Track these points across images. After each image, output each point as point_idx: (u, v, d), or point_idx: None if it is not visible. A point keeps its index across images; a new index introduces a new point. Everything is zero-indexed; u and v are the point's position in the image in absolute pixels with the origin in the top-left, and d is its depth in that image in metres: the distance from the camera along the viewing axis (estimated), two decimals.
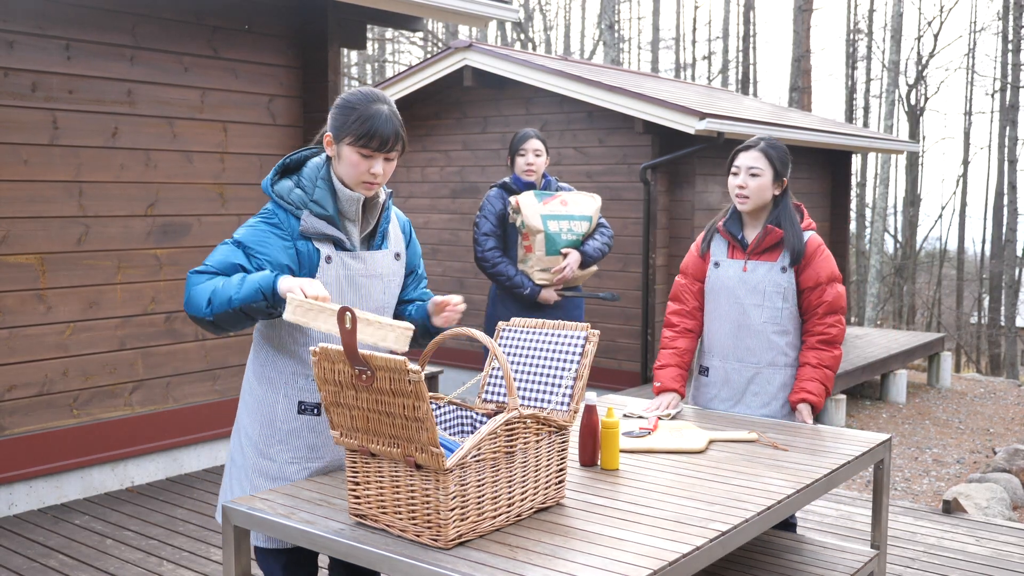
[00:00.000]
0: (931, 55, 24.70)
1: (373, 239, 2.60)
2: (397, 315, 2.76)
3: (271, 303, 2.34)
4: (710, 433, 2.97)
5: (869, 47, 26.85)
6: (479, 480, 2.03)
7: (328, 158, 2.56)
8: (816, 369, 3.29)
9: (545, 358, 2.43)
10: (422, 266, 2.83)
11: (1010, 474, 7.02)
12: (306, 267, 2.49)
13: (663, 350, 3.50)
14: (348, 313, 1.99)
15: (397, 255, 2.66)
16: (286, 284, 2.33)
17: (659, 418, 3.18)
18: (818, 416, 9.46)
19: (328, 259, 2.49)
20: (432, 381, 7.90)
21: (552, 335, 2.46)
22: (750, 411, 3.37)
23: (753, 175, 3.30)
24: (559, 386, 2.37)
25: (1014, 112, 21.87)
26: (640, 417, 3.19)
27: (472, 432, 2.46)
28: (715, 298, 3.43)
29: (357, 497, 2.13)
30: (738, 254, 3.38)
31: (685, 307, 3.51)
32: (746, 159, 3.32)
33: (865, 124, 26.55)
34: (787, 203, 3.36)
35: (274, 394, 2.56)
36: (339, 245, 2.52)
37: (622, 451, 2.77)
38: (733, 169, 3.36)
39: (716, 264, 3.41)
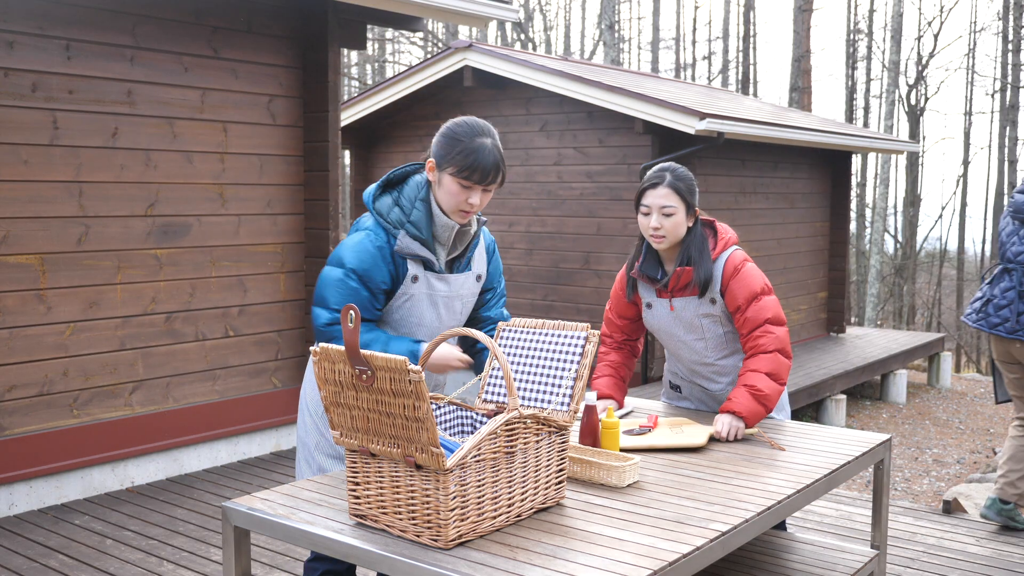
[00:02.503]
0: (931, 55, 24.69)
1: (459, 261, 2.75)
2: (477, 330, 2.84)
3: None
4: (710, 428, 2.97)
5: (869, 47, 26.86)
6: (479, 480, 2.03)
7: (429, 180, 2.68)
8: (744, 376, 3.08)
9: (545, 358, 2.43)
10: (503, 283, 3.00)
11: None
12: (398, 283, 2.65)
13: (599, 364, 3.36)
14: (351, 312, 1.99)
15: (479, 277, 2.82)
16: (439, 359, 2.63)
17: (658, 416, 3.18)
18: (818, 416, 9.48)
19: (415, 279, 2.65)
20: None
21: (552, 335, 2.46)
22: None
23: (667, 214, 3.10)
24: (559, 386, 2.37)
25: (1014, 112, 21.87)
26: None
27: (472, 432, 2.46)
28: (659, 335, 3.34)
29: (357, 497, 2.13)
30: (664, 293, 3.21)
31: (613, 339, 3.39)
32: (656, 198, 3.11)
33: (865, 124, 26.55)
34: (696, 233, 3.17)
35: None
36: (427, 265, 2.67)
37: (623, 450, 2.77)
38: (643, 208, 3.14)
39: (648, 305, 3.28)
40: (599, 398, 3.29)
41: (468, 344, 2.91)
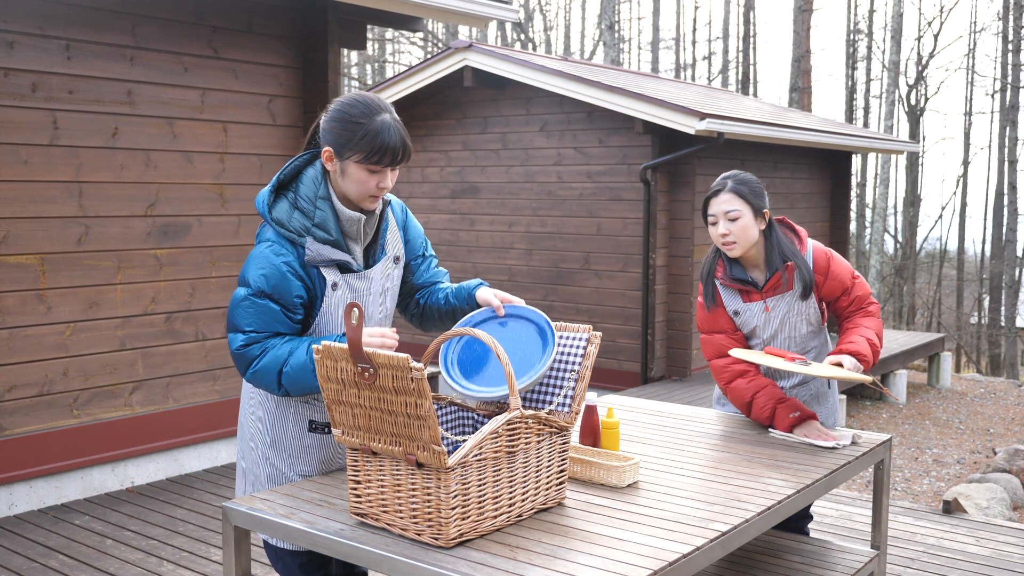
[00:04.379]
0: (931, 55, 24.71)
1: (374, 249, 2.49)
2: (422, 303, 2.65)
3: None
4: (850, 369, 2.99)
5: (869, 47, 26.86)
6: (480, 479, 2.03)
7: (324, 170, 2.40)
8: (857, 329, 3.13)
9: None
10: (429, 247, 2.70)
11: (1010, 474, 7.02)
12: (315, 294, 2.39)
13: (762, 389, 3.12)
14: (355, 309, 1.98)
15: (396, 258, 2.56)
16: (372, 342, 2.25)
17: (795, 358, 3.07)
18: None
19: (335, 286, 2.39)
20: (433, 381, 7.90)
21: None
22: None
23: (733, 219, 3.08)
24: (560, 387, 2.37)
25: (1014, 112, 21.87)
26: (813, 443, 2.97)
27: (473, 433, 2.46)
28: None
29: (358, 496, 2.13)
30: (755, 296, 3.17)
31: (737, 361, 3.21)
32: (720, 205, 3.11)
33: (865, 124, 26.55)
34: (778, 234, 3.16)
35: (283, 412, 2.49)
36: (343, 267, 2.41)
37: (783, 371, 2.94)
38: (710, 218, 3.14)
39: (735, 312, 3.21)
40: (804, 418, 3.01)
41: (444, 312, 2.62)
